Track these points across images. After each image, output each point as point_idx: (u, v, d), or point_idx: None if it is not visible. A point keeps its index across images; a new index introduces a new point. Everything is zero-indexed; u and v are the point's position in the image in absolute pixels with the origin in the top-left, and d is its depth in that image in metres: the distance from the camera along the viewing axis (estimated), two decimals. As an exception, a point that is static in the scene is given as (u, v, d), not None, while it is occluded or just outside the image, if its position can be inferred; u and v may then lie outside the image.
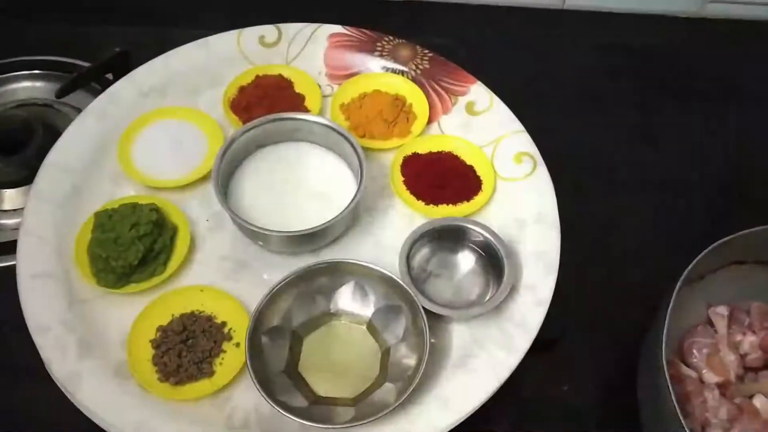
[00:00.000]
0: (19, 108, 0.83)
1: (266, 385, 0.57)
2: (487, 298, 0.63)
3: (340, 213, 0.64)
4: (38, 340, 0.59)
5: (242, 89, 0.76)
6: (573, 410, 0.70)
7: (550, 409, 0.70)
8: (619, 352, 0.72)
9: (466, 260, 0.66)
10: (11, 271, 0.63)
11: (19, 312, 0.61)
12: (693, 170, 0.87)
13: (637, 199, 0.84)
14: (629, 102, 0.92)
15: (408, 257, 0.63)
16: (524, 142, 0.73)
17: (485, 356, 0.61)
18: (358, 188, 0.65)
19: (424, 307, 0.60)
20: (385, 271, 0.61)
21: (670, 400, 0.55)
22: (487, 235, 0.64)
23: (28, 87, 0.86)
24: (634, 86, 0.94)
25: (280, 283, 0.60)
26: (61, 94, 0.81)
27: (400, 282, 0.60)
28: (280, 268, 0.64)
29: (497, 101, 0.75)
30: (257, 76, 0.77)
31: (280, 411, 0.55)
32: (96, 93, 0.76)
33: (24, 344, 0.60)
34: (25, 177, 0.77)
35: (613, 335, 0.74)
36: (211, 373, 0.60)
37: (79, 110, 0.79)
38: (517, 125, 0.74)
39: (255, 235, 0.65)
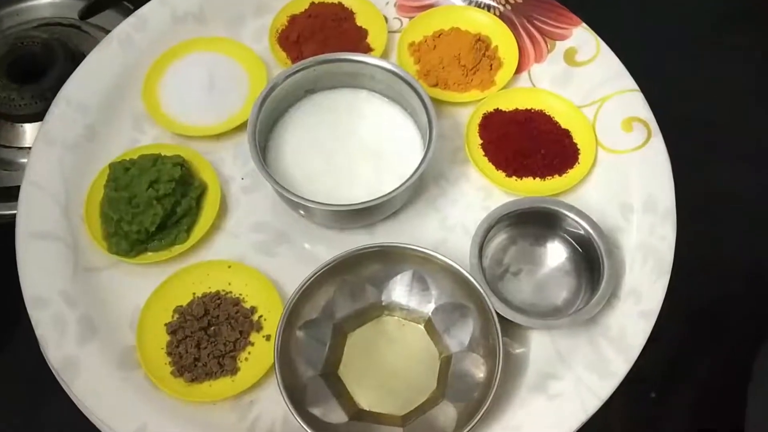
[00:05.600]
0: (40, 29, 0.73)
1: (297, 394, 0.46)
2: (577, 304, 0.51)
3: (402, 184, 0.52)
4: (34, 314, 0.51)
5: (293, 19, 0.65)
6: (660, 419, 0.62)
7: (635, 414, 0.62)
8: (721, 360, 0.64)
9: (554, 254, 0.54)
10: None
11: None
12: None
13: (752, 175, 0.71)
14: (749, 57, 0.78)
15: (482, 246, 0.51)
16: (637, 104, 0.60)
17: (571, 378, 0.50)
18: (426, 152, 0.54)
19: (497, 312, 0.48)
20: (451, 263, 0.49)
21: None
22: (585, 225, 0.51)
23: (52, 3, 0.76)
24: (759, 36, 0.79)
25: (320, 269, 0.49)
26: (87, 14, 0.70)
27: (470, 278, 0.49)
28: (326, 241, 0.56)
29: (606, 50, 0.62)
30: (312, 4, 0.66)
31: (309, 430, 0.45)
32: (128, 14, 0.66)
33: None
34: (43, 110, 0.67)
35: (715, 339, 0.64)
36: (234, 371, 0.50)
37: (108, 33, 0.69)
38: (629, 82, 0.61)
39: (296, 205, 0.54)
